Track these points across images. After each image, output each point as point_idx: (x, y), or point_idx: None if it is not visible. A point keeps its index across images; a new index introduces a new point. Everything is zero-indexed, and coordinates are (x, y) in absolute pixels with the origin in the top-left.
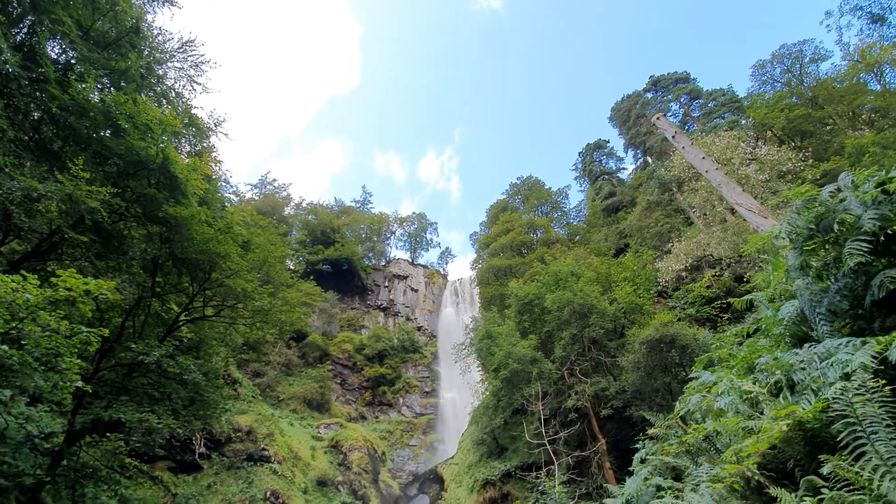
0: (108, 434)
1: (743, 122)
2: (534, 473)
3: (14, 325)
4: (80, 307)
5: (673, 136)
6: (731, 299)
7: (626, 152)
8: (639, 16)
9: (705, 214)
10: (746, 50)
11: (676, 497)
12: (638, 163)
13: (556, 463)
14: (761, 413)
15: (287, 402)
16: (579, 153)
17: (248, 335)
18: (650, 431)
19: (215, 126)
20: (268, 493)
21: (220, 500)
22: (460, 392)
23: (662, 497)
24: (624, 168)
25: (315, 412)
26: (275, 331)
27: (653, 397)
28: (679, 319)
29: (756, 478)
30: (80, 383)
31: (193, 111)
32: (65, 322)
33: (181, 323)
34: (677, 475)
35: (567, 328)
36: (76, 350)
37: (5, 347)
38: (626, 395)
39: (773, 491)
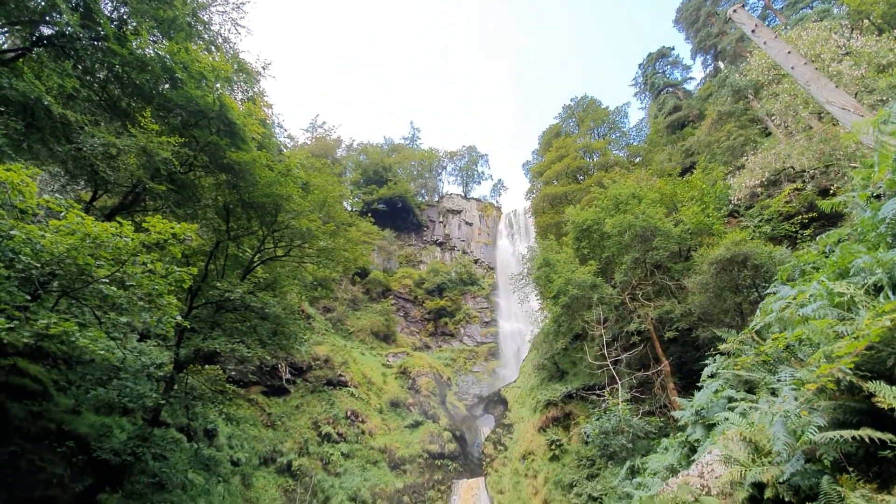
0: (207, 364)
1: (835, 10)
2: (595, 394)
3: (118, 269)
4: (170, 249)
5: (752, 31)
6: (819, 201)
7: (694, 59)
8: None
9: (786, 124)
10: None
11: (751, 408)
12: (707, 70)
13: (618, 382)
14: (853, 319)
15: (356, 334)
16: (640, 65)
17: (316, 273)
18: (721, 347)
19: (263, 69)
20: (348, 413)
21: (307, 419)
22: (519, 321)
23: (735, 408)
24: (691, 78)
25: (382, 343)
26: (340, 268)
27: (721, 318)
28: (753, 238)
29: (849, 378)
30: (179, 318)
31: (241, 56)
32: (159, 263)
33: (256, 264)
34: (750, 388)
35: (628, 252)
36: (172, 288)
37: (114, 288)
38: (693, 317)
39: (871, 386)
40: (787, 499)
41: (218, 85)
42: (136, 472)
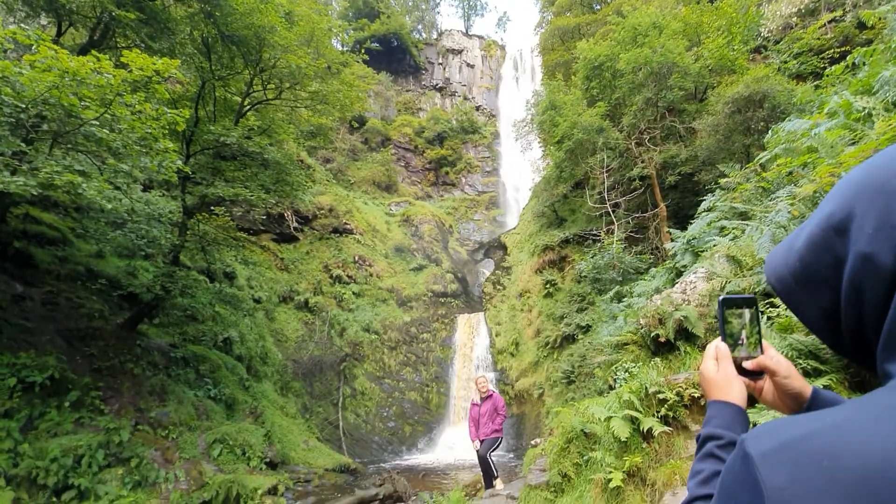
0: (214, 211)
1: None
2: (592, 237)
3: (105, 111)
4: (155, 88)
5: None
6: (866, 15)
7: None
8: None
9: None
10: None
11: (742, 233)
12: None
13: (615, 224)
14: (867, 133)
15: (358, 184)
16: None
17: (311, 119)
18: (722, 182)
19: None
20: (356, 257)
21: (318, 263)
22: (520, 170)
23: (726, 235)
24: None
25: (384, 193)
26: (336, 114)
27: (727, 162)
28: (776, 74)
29: None
30: (179, 163)
31: None
32: (148, 105)
33: (246, 108)
34: (745, 220)
35: (640, 93)
36: (166, 132)
37: (107, 131)
38: (697, 161)
39: None
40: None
41: None
42: (169, 307)
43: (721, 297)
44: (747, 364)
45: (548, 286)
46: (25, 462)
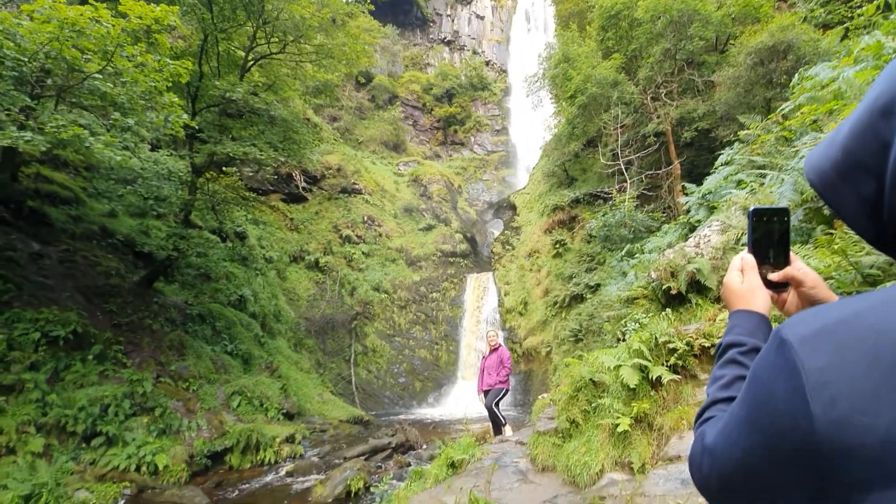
0: (223, 170)
1: None
2: (603, 196)
3: (107, 63)
4: (157, 38)
5: None
6: None
7: None
8: None
9: None
10: None
11: (760, 185)
12: None
13: (627, 182)
14: None
15: (366, 144)
16: None
17: (317, 75)
18: (741, 134)
19: None
20: (365, 217)
21: (327, 223)
22: (531, 129)
23: (743, 189)
24: None
25: (392, 152)
26: (342, 68)
27: (746, 115)
28: (802, 22)
29: None
30: (186, 117)
31: None
32: (150, 56)
33: (250, 63)
34: (764, 175)
35: (659, 43)
36: (170, 84)
37: (110, 85)
38: (715, 116)
39: None
40: None
41: None
42: (183, 266)
43: (752, 208)
44: (773, 276)
45: (557, 246)
46: (54, 411)
